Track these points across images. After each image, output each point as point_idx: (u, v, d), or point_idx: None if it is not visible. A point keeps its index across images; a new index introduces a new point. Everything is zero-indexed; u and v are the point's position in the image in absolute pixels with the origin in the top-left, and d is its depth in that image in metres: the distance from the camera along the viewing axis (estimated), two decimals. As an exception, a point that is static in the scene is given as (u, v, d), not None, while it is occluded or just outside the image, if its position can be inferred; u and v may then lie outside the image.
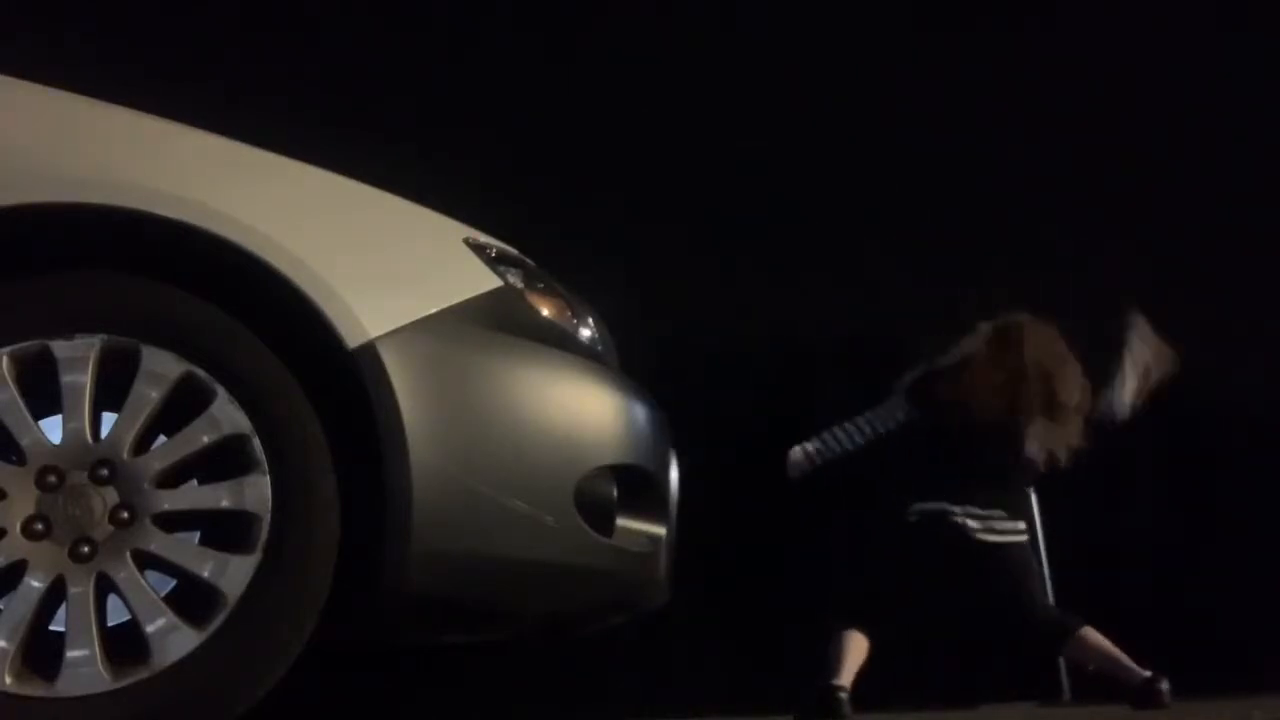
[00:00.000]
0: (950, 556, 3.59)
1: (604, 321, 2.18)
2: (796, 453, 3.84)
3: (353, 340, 1.68)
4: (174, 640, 1.57)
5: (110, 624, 1.66)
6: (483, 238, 1.98)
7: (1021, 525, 3.73)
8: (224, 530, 1.68)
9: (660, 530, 2.04)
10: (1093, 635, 3.61)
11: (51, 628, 1.61)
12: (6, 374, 1.60)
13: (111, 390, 1.64)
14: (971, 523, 3.61)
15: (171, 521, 1.64)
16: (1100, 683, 3.79)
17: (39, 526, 1.57)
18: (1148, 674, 3.52)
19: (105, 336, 1.64)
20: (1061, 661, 4.41)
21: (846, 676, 3.57)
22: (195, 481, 1.72)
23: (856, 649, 3.59)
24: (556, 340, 1.93)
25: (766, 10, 4.90)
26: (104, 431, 1.64)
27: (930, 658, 4.39)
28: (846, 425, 3.80)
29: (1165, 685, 3.49)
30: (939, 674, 4.47)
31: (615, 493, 1.93)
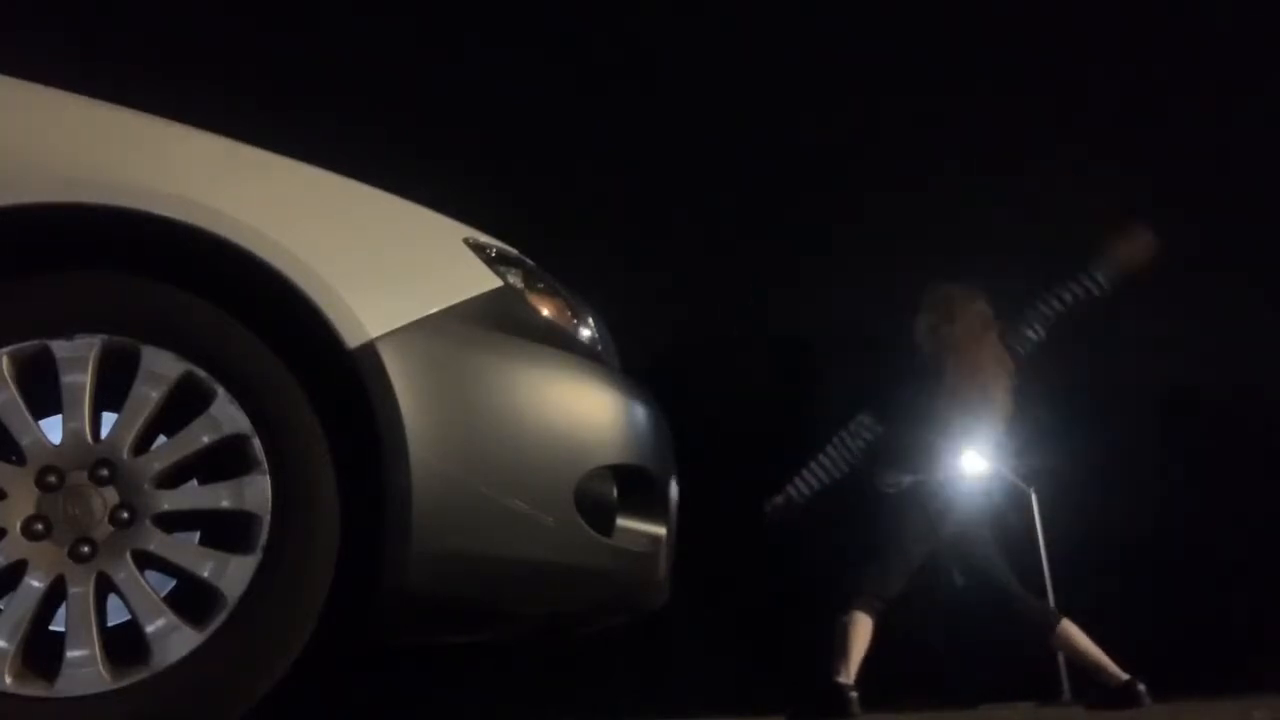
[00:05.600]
0: (941, 510, 3.85)
1: (604, 321, 2.18)
2: (778, 499, 4.04)
3: (353, 340, 1.68)
4: (174, 640, 1.57)
5: (110, 624, 1.65)
6: (483, 238, 1.98)
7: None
8: (224, 530, 1.68)
9: (660, 530, 2.04)
10: (1074, 630, 3.75)
11: (51, 628, 1.61)
12: (6, 374, 1.59)
13: (111, 390, 1.64)
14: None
15: (171, 521, 1.64)
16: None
17: (39, 526, 1.57)
18: (1127, 676, 3.62)
19: (105, 336, 1.63)
20: (1061, 661, 4.43)
21: (853, 673, 3.61)
22: (195, 481, 1.72)
23: (862, 637, 3.65)
24: (556, 340, 1.93)
25: (764, 15, 4.91)
26: (104, 431, 1.64)
27: (930, 658, 4.40)
28: (819, 465, 4.01)
29: (1144, 687, 3.60)
30: (939, 674, 4.48)
31: (615, 493, 1.93)
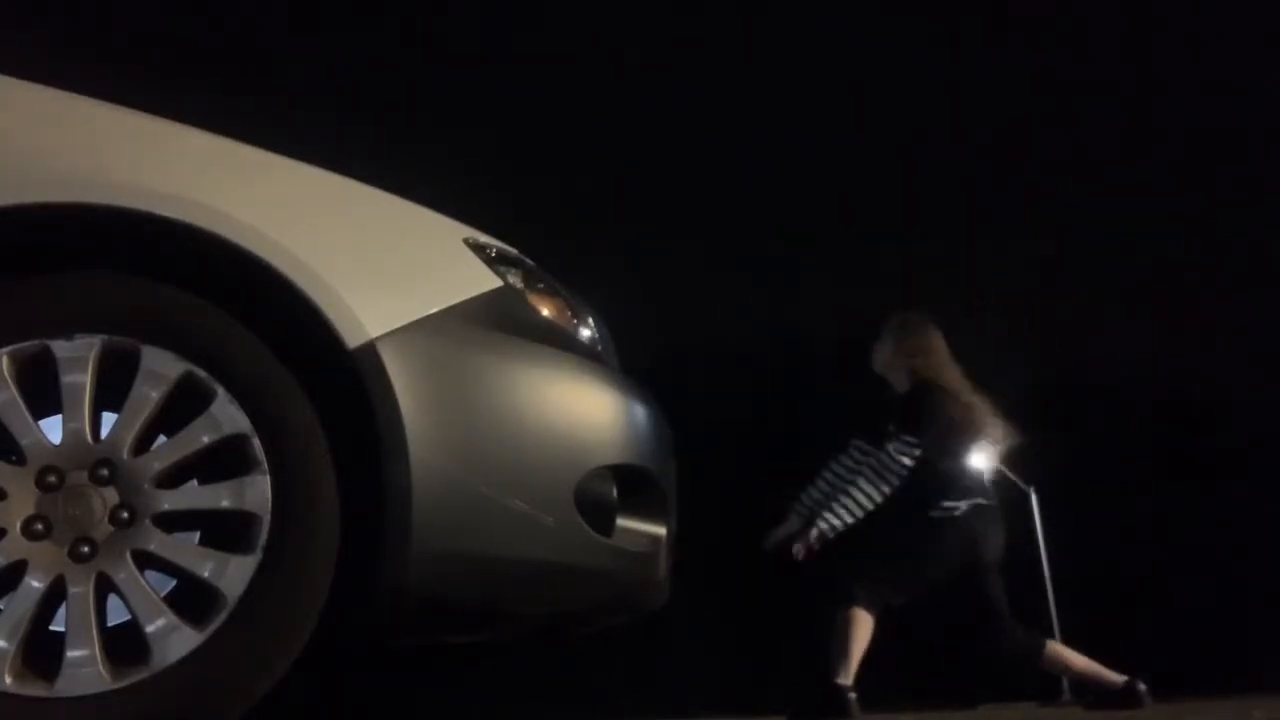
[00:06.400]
0: (970, 544, 3.79)
1: (604, 321, 2.18)
2: (812, 535, 3.80)
3: (353, 340, 1.68)
4: (174, 640, 1.57)
5: (110, 624, 1.65)
6: (483, 238, 1.97)
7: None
8: (224, 530, 1.68)
9: (660, 530, 2.04)
10: (1060, 648, 3.75)
11: (51, 628, 1.61)
12: (6, 374, 1.59)
13: (111, 390, 1.64)
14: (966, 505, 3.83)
15: (171, 521, 1.64)
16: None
17: (39, 526, 1.57)
18: (1125, 678, 3.63)
19: (105, 336, 1.63)
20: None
21: (853, 674, 3.60)
22: (195, 481, 1.72)
23: (863, 636, 3.63)
24: (556, 340, 1.93)
25: (762, 19, 4.91)
26: (104, 431, 1.64)
27: (930, 658, 4.39)
28: (855, 494, 3.80)
29: (1144, 687, 3.60)
30: (939, 674, 4.47)
31: (615, 493, 1.93)
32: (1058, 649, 3.77)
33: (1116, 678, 3.66)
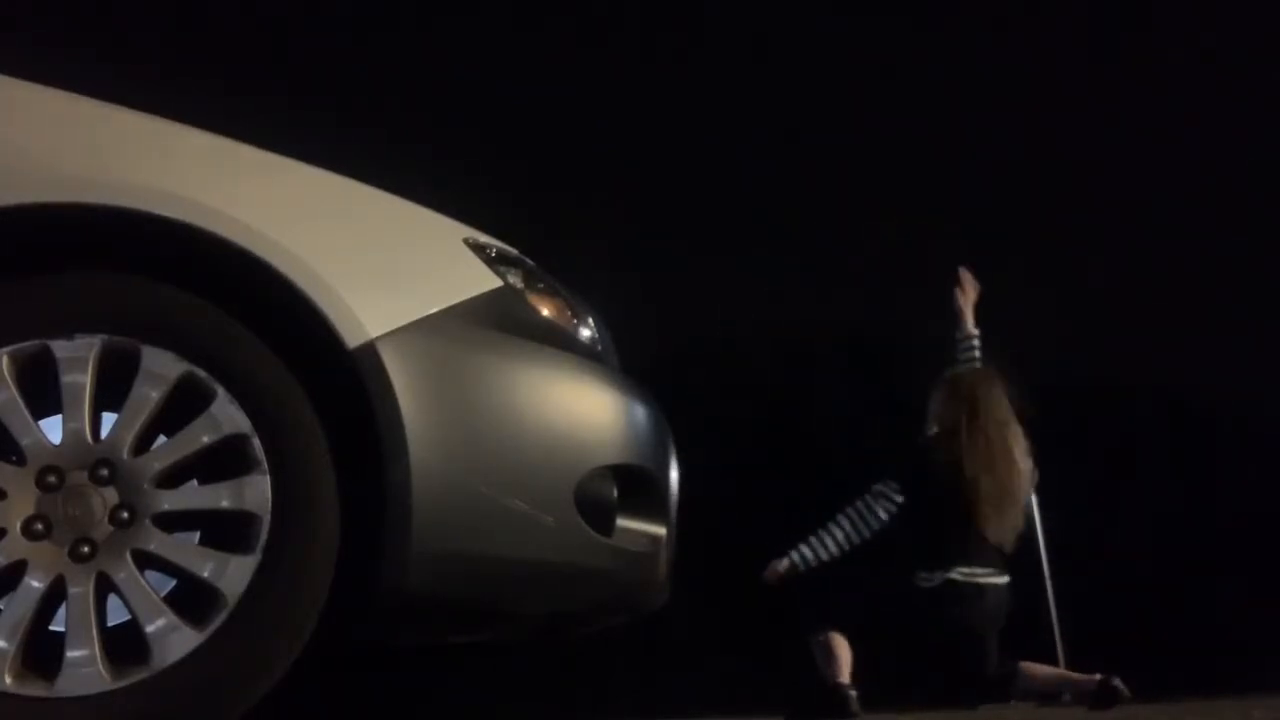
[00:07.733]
0: (963, 612, 3.74)
1: (604, 321, 2.18)
2: (782, 564, 3.85)
3: (353, 340, 1.68)
4: (174, 640, 1.57)
5: (110, 624, 1.65)
6: (483, 238, 1.97)
7: (1005, 577, 3.85)
8: (224, 530, 1.68)
9: (660, 530, 2.04)
10: (1031, 666, 3.74)
11: (51, 628, 1.61)
12: (6, 374, 1.59)
13: (111, 390, 1.64)
14: (976, 577, 3.75)
15: (171, 521, 1.64)
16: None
17: (39, 526, 1.57)
18: (1099, 676, 3.62)
19: (105, 336, 1.63)
20: (1062, 663, 4.42)
21: (848, 673, 3.62)
22: (195, 481, 1.72)
23: (844, 646, 3.66)
24: (556, 340, 1.93)
25: (763, 20, 4.92)
26: (104, 431, 1.64)
27: (930, 658, 4.39)
28: (834, 531, 3.79)
29: (1118, 682, 3.60)
30: (939, 674, 4.48)
31: (615, 493, 1.93)
32: (1029, 668, 3.76)
33: (1090, 679, 3.65)
